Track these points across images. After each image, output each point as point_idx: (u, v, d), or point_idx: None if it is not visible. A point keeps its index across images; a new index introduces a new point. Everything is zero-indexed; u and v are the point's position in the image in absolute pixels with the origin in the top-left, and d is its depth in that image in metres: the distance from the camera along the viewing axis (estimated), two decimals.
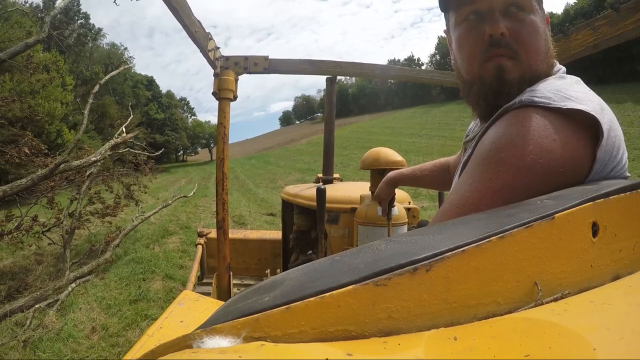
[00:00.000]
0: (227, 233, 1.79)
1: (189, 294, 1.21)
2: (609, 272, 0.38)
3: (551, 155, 0.49)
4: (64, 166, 4.19)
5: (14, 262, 4.67)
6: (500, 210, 0.41)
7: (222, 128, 1.74)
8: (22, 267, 4.49)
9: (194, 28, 1.50)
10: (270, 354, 0.25)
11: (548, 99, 0.51)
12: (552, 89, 0.54)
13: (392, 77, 2.07)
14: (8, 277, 4.18)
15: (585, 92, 0.55)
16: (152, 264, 4.45)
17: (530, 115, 0.51)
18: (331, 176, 2.23)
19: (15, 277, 4.17)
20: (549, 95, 0.52)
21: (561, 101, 0.51)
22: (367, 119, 48.35)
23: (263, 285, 0.35)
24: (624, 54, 27.41)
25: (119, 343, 2.86)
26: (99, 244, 4.70)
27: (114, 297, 3.60)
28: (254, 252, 2.76)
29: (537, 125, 0.50)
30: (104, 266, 4.31)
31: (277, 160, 24.58)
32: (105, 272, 4.21)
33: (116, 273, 4.20)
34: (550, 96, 0.52)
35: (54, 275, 4.08)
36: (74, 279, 3.83)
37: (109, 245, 4.60)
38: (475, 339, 0.27)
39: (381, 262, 0.30)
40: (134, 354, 0.79)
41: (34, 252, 4.81)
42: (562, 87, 0.54)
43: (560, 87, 0.54)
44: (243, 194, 11.28)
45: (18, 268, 4.45)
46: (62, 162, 4.17)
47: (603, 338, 0.26)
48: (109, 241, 4.67)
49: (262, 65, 1.77)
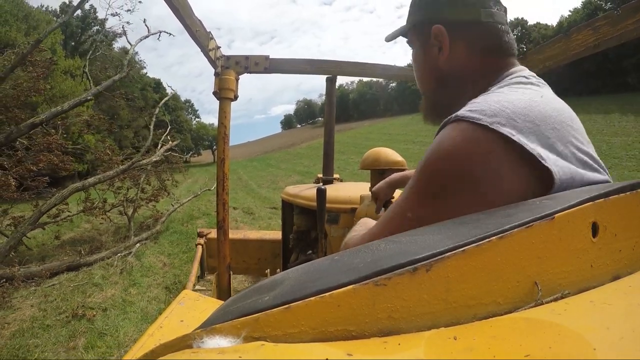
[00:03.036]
0: (227, 233, 1.79)
1: (189, 293, 1.21)
2: (609, 272, 0.38)
3: (476, 167, 0.49)
4: (136, 164, 6.13)
5: (87, 230, 6.71)
6: (500, 210, 0.41)
7: (223, 128, 1.74)
8: (95, 234, 6.41)
9: (195, 27, 1.50)
10: (270, 354, 0.25)
11: (471, 112, 0.51)
12: (479, 101, 0.54)
13: (392, 77, 2.07)
14: (86, 240, 5.95)
15: (506, 100, 0.53)
16: (191, 233, 6.11)
17: (459, 127, 0.51)
18: (331, 176, 2.23)
19: (91, 241, 5.87)
20: (474, 108, 0.52)
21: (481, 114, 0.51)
22: (366, 124, 48.77)
23: (263, 285, 0.35)
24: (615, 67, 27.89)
25: (183, 272, 4.41)
26: (149, 221, 6.59)
27: (170, 251, 5.51)
28: (254, 252, 2.76)
29: (463, 137, 0.50)
30: (155, 235, 6.14)
31: (278, 163, 25.21)
32: (156, 240, 6.02)
33: (165, 238, 6.13)
34: (476, 109, 0.52)
35: (121, 239, 5.83)
36: (138, 241, 5.51)
37: (157, 222, 6.49)
38: (475, 339, 0.27)
39: (381, 262, 0.30)
40: (134, 354, 0.79)
41: (100, 224, 6.62)
42: (487, 99, 0.54)
43: (486, 99, 0.55)
44: (247, 193, 12.28)
45: (92, 234, 6.41)
46: (137, 161, 6.18)
47: (603, 338, 0.26)
48: (157, 218, 6.59)
49: (263, 65, 1.77)
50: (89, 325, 3.26)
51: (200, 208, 8.93)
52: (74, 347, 2.98)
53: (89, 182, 5.61)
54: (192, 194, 8.46)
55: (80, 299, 3.80)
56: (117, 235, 6.24)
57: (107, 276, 4.36)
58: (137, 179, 6.45)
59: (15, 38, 15.42)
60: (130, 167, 5.97)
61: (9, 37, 15.32)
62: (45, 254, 5.21)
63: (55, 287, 4.07)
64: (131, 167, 5.98)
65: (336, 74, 1.97)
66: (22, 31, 16.46)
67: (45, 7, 23.71)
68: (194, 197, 8.27)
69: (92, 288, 4.07)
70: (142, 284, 4.20)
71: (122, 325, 3.27)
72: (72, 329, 3.22)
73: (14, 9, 17.38)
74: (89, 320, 3.33)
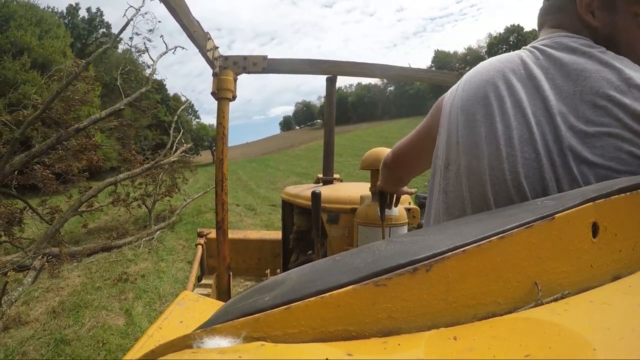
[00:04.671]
0: (226, 233, 1.79)
1: (188, 294, 1.21)
2: (609, 272, 0.38)
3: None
4: (159, 163, 7.19)
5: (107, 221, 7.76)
6: (500, 211, 0.41)
7: (221, 128, 1.74)
8: (117, 223, 7.21)
9: (193, 28, 1.50)
10: (270, 354, 0.25)
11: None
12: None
13: (392, 76, 2.07)
14: (110, 228, 6.77)
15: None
16: (202, 224, 7.12)
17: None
18: (331, 176, 2.23)
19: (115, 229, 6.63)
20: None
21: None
22: (364, 127, 48.84)
23: (263, 285, 0.35)
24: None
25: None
26: (165, 212, 7.73)
27: (187, 236, 6.51)
28: (254, 252, 2.76)
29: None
30: (171, 225, 7.25)
31: (277, 164, 25.41)
32: (172, 229, 7.09)
33: (181, 228, 7.28)
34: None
35: (142, 228, 6.87)
36: (157, 229, 6.63)
37: (172, 213, 7.65)
38: (475, 339, 0.27)
39: (381, 262, 0.30)
40: (134, 354, 0.79)
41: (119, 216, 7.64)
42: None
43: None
44: (247, 193, 12.93)
45: (114, 224, 7.25)
46: (159, 160, 7.25)
47: (603, 338, 0.26)
48: (173, 211, 7.73)
49: (261, 65, 1.77)
50: (133, 285, 4.29)
51: (206, 204, 9.58)
52: (125, 298, 3.95)
53: (120, 177, 6.62)
54: (196, 192, 9.60)
55: (120, 269, 4.78)
56: (136, 225, 7.27)
57: (137, 254, 5.45)
58: (156, 177, 7.49)
59: (30, 42, 16.43)
60: (153, 166, 7.07)
61: (24, 41, 16.24)
62: (77, 239, 6.19)
63: (94, 263, 5.05)
64: (154, 166, 7.09)
65: (335, 74, 1.97)
66: (35, 35, 17.18)
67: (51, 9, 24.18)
68: (204, 193, 9.32)
69: (127, 262, 5.07)
70: (168, 260, 5.20)
71: (160, 285, 4.30)
72: (120, 288, 4.24)
73: (27, 13, 18.05)
74: (132, 282, 4.37)
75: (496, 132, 0.58)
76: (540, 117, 0.56)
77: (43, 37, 17.58)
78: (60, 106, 5.66)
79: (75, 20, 32.22)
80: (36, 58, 16.29)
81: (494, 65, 0.64)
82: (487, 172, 0.58)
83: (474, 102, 0.62)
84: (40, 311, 3.67)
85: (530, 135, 0.56)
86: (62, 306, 3.77)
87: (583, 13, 0.63)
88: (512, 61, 0.63)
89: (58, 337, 3.16)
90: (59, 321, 3.49)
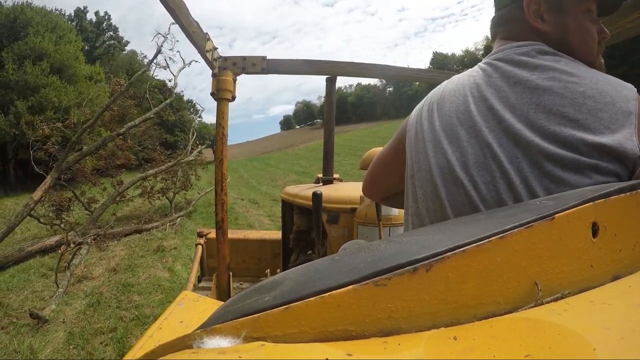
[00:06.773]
0: (226, 233, 1.78)
1: (188, 294, 1.21)
2: (609, 272, 0.38)
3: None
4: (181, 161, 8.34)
5: (131, 210, 8.95)
6: (500, 211, 0.41)
7: (221, 129, 1.74)
8: (140, 212, 8.44)
9: (192, 29, 1.49)
10: (270, 354, 0.25)
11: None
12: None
13: (392, 76, 2.06)
14: (135, 216, 7.95)
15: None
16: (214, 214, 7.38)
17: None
18: (331, 176, 2.23)
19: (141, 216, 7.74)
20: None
21: None
22: (363, 127, 48.82)
23: (263, 285, 0.35)
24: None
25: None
26: (182, 204, 8.88)
27: (204, 222, 7.67)
28: (254, 252, 2.75)
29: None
30: (188, 214, 8.36)
31: (277, 163, 25.59)
32: (189, 217, 8.21)
33: (197, 216, 8.45)
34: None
35: (163, 216, 7.92)
36: (177, 217, 7.73)
37: (189, 204, 8.83)
38: (475, 339, 0.27)
39: (381, 262, 0.30)
40: (134, 354, 0.79)
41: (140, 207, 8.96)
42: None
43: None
44: (249, 189, 13.55)
45: (138, 213, 8.47)
46: (181, 159, 8.38)
47: (603, 338, 0.26)
48: (189, 202, 8.99)
49: (260, 66, 1.77)
50: (169, 254, 5.42)
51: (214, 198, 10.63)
52: (166, 261, 5.09)
53: (149, 173, 7.85)
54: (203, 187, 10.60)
55: (156, 244, 5.87)
56: (157, 213, 8.31)
57: (165, 235, 6.63)
58: (175, 173, 8.59)
59: (48, 48, 17.14)
60: (175, 164, 8.23)
61: (42, 47, 16.93)
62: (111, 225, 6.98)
63: (131, 241, 6.20)
64: (177, 163, 8.25)
65: (334, 74, 1.96)
66: (52, 41, 17.84)
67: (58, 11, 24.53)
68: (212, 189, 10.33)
69: (159, 240, 6.21)
70: (192, 238, 5.90)
71: (190, 253, 5.22)
72: (160, 255, 5.38)
73: (43, 19, 18.63)
74: (168, 252, 5.52)
75: (454, 158, 0.60)
76: (498, 138, 0.57)
77: (59, 43, 18.25)
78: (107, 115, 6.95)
79: (84, 23, 32.22)
80: (53, 63, 17.04)
81: (458, 90, 0.65)
82: (446, 198, 0.60)
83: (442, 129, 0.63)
84: (101, 271, 4.73)
85: (485, 159, 0.57)
86: (118, 267, 4.86)
87: (532, 20, 0.64)
88: (469, 85, 0.64)
89: (124, 283, 4.26)
90: (119, 276, 4.58)
